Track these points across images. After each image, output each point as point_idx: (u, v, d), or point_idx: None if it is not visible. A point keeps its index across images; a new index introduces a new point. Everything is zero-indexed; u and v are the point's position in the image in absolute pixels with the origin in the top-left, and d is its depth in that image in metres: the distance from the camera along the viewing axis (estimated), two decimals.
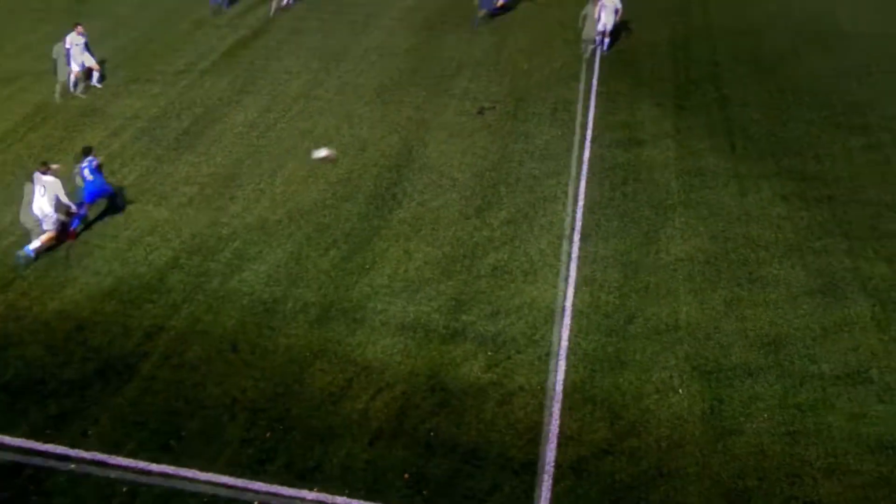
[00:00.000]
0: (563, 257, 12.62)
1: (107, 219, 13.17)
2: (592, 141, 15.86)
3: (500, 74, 18.71)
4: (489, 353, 10.68)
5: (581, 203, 13.98)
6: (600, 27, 18.82)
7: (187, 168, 14.87)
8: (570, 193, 14.26)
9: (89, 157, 12.82)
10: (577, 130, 16.26)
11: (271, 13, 21.94)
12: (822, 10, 21.99)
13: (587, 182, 14.56)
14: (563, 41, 20.28)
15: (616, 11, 18.79)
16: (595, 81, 18.23)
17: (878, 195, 14.13)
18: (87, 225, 12.91)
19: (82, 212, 12.70)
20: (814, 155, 15.37)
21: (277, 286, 11.80)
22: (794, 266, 12.43)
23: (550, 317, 11.37)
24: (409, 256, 12.58)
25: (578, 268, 12.39)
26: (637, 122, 16.60)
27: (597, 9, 18.81)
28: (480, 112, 17.00)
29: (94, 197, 12.85)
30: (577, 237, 13.09)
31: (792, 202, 13.95)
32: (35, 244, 12.03)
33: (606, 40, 19.10)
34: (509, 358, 10.62)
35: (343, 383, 10.07)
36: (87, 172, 12.73)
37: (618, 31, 20.46)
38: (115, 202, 13.38)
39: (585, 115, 16.82)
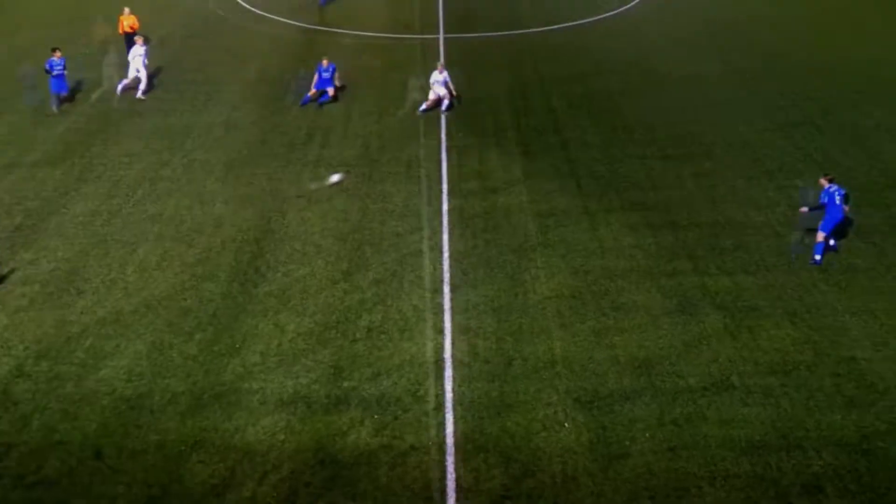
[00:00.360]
0: (437, 310, 12.75)
1: None
2: (449, 193, 16.31)
3: (352, 138, 18.92)
4: (375, 417, 10.49)
5: (446, 255, 14.25)
6: (432, 95, 19.64)
7: (24, 267, 13.76)
8: (435, 247, 14.51)
9: None
10: (433, 185, 16.67)
11: (118, 94, 21.01)
12: (640, 56, 24.11)
13: (449, 234, 14.89)
14: (408, 101, 20.88)
15: (446, 83, 19.60)
16: (443, 136, 18.86)
17: (712, 216, 15.45)
18: None
19: None
20: (651, 186, 16.61)
21: (141, 380, 11.05)
22: (650, 290, 13.25)
23: (432, 371, 11.38)
24: (280, 330, 12.23)
25: (453, 318, 12.55)
26: (488, 171, 17.27)
27: (433, 80, 19.58)
28: (335, 178, 17.05)
29: None
30: (447, 289, 13.29)
31: (639, 231, 14.95)
32: None
33: (446, 101, 19.84)
34: (396, 418, 10.48)
35: (225, 473, 9.51)
36: None
37: (459, 85, 21.42)
38: None
39: (439, 170, 17.30)
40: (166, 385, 10.99)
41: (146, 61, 21.32)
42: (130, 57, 21.17)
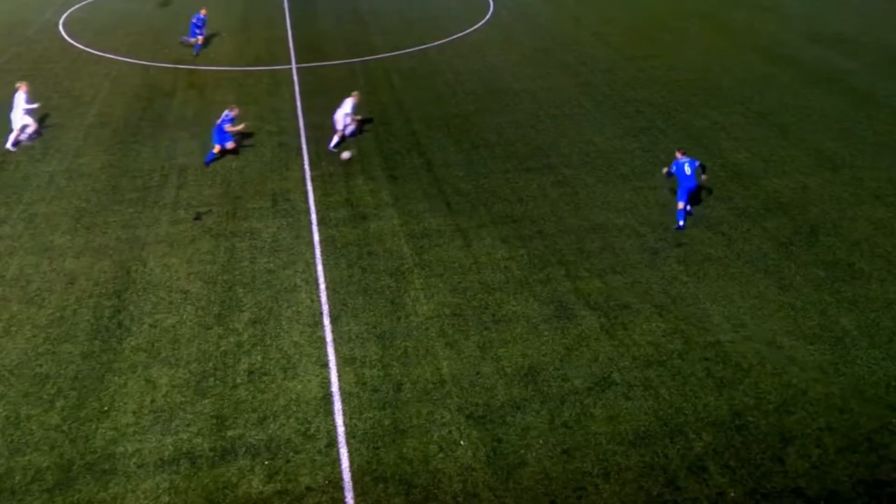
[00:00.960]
0: (319, 343, 12.52)
1: None
2: (319, 224, 16.10)
3: (211, 176, 18.28)
4: (266, 463, 10.11)
5: (323, 286, 14.03)
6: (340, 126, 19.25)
7: None
8: (310, 279, 14.26)
9: None
10: (302, 217, 16.40)
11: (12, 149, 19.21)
12: (491, 75, 24.94)
13: (324, 265, 14.69)
14: (266, 133, 20.48)
15: (346, 115, 19.25)
16: (307, 167, 18.62)
17: (577, 222, 16.18)
18: None
19: None
20: (517, 198, 17.17)
21: None
22: (528, 299, 13.66)
23: (320, 406, 11.14)
24: (152, 385, 11.54)
25: (336, 350, 12.36)
26: (356, 198, 17.21)
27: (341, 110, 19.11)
28: (197, 218, 16.40)
29: None
30: (327, 321, 13.08)
31: (511, 243, 15.40)
32: None
33: (336, 138, 19.39)
34: (288, 461, 10.16)
35: None
36: None
37: (318, 114, 21.29)
38: None
39: (306, 201, 17.05)
40: (28, 461, 10.08)
41: (29, 107, 19.73)
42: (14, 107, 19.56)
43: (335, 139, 19.47)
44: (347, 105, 19.34)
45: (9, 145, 19.64)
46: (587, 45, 27.90)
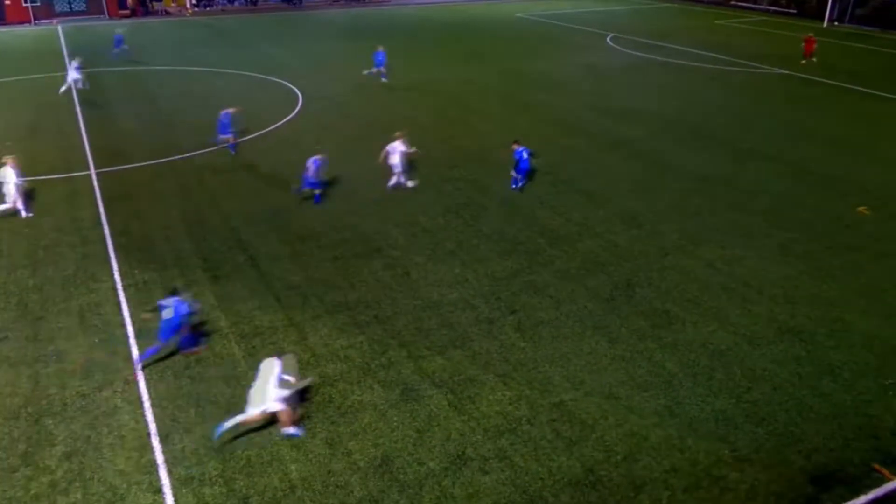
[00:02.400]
0: (149, 468, 11.50)
1: None
2: (138, 336, 15.03)
3: (4, 298, 16.57)
4: None
5: (148, 404, 13.01)
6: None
7: None
8: (133, 398, 13.17)
9: None
10: (116, 331, 15.25)
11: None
12: (299, 158, 25.12)
13: (147, 380, 13.66)
14: (68, 246, 19.04)
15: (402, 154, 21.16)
16: (118, 277, 17.46)
17: (412, 302, 16.39)
18: None
19: None
20: (350, 285, 17.13)
21: None
22: (372, 386, 13.50)
23: None
24: None
25: (170, 472, 11.41)
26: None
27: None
28: None
29: None
30: (156, 441, 12.09)
31: (348, 331, 15.24)
32: None
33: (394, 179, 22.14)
34: None
35: None
36: None
37: (126, 219, 20.23)
38: None
39: (120, 314, 15.91)
40: None
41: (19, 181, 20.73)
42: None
43: (393, 180, 22.66)
44: (398, 146, 22.25)
45: None
46: (400, 128, 28.96)
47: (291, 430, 12.15)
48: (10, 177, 20.59)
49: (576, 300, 16.48)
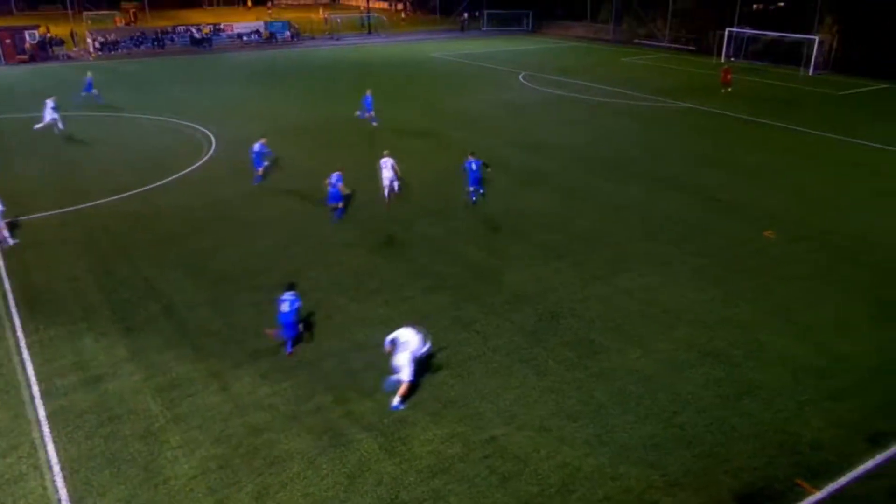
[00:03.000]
0: None
1: None
2: (44, 396, 14.20)
3: None
4: None
5: (57, 469, 12.25)
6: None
7: None
8: (40, 463, 12.38)
9: None
10: (18, 392, 14.36)
11: None
12: (227, 209, 24.58)
13: (55, 442, 12.89)
14: None
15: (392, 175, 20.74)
16: (20, 334, 16.51)
17: (337, 344, 16.13)
18: None
19: None
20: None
21: None
22: (300, 434, 13.13)
23: None
24: None
25: None
26: (87, 359, 15.55)
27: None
28: None
29: None
30: None
31: (272, 378, 14.84)
32: None
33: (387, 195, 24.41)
34: None
35: None
36: None
37: (28, 272, 19.25)
38: None
39: (24, 373, 15.01)
40: None
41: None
42: None
43: (386, 192, 24.80)
44: (388, 165, 24.70)
45: None
46: (316, 171, 28.81)
47: (402, 403, 13.74)
48: None
49: (502, 334, 16.59)
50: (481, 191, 24.78)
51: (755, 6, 66.37)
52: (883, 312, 17.66)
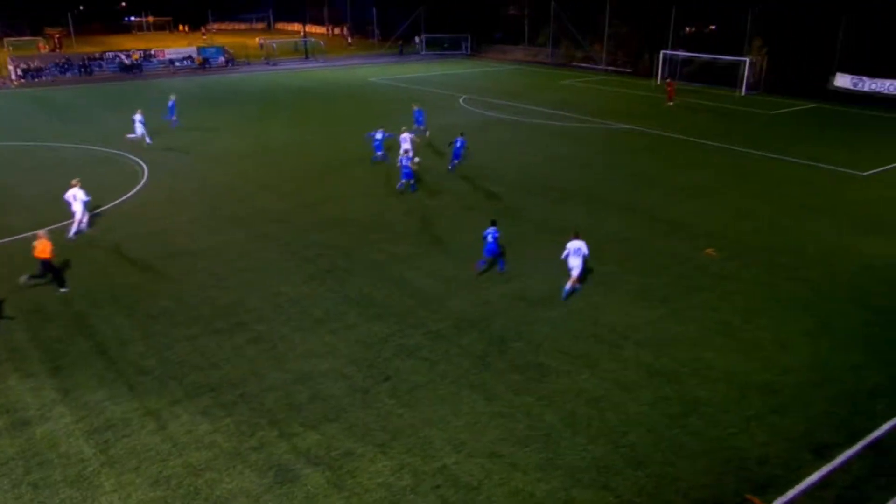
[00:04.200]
0: None
1: None
2: None
3: None
4: None
5: None
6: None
7: None
8: None
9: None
10: None
11: None
12: (162, 240, 23.99)
13: None
14: None
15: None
16: None
17: (280, 376, 15.83)
18: None
19: None
20: (211, 364, 16.32)
21: None
22: (243, 472, 12.80)
23: None
24: None
25: None
26: (13, 401, 14.88)
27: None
28: None
29: None
30: None
31: (212, 414, 14.45)
32: None
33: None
34: None
35: None
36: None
37: None
38: None
39: None
40: None
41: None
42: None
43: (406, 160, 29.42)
44: (408, 136, 30.47)
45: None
46: (259, 198, 28.53)
47: (576, 286, 19.29)
48: (80, 196, 23.82)
49: (450, 360, 16.55)
50: (457, 163, 32.05)
51: (688, 29, 68.96)
52: (821, 326, 18.30)
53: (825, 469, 12.95)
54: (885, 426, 14.19)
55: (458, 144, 31.91)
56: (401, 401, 14.95)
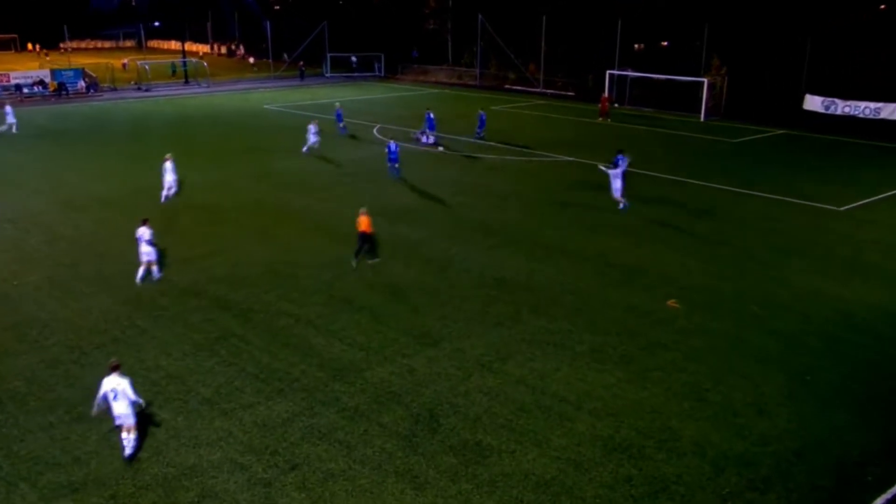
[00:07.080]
0: None
1: None
2: None
3: None
4: None
5: None
6: None
7: None
8: None
9: None
10: None
11: None
12: (5, 308, 23.20)
13: None
14: None
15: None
16: None
17: (161, 470, 15.41)
18: None
19: None
20: (73, 459, 15.77)
21: None
22: None
23: None
24: None
25: None
26: None
27: None
28: None
29: None
30: None
31: None
32: None
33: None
34: None
35: None
36: None
37: None
38: None
39: None
40: None
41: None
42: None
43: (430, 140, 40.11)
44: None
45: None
46: (129, 252, 27.94)
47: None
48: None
49: (370, 442, 16.48)
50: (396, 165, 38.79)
51: (636, 46, 71.97)
52: (798, 385, 19.04)
53: None
54: (879, 501, 14.78)
55: (394, 147, 39.68)
56: (312, 494, 14.76)
